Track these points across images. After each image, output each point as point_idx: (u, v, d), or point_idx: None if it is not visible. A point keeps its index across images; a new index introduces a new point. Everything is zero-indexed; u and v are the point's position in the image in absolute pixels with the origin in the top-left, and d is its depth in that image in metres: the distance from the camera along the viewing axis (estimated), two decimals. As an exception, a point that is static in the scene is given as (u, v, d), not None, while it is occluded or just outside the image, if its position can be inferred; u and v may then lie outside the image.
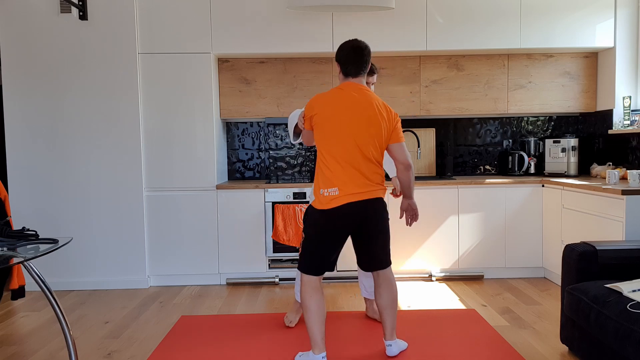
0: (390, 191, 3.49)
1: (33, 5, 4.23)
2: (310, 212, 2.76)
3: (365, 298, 3.51)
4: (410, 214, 2.87)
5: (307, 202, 4.32)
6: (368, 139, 2.61)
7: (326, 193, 2.60)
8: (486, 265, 4.45)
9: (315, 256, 2.68)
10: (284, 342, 3.09)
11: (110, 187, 4.32)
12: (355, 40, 2.70)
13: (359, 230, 2.70)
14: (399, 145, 2.72)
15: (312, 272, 2.68)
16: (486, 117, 5.01)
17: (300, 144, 4.75)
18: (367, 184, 2.62)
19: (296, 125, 2.98)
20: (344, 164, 2.59)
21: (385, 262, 2.80)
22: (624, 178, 3.96)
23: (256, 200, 4.37)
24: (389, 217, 2.95)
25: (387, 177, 4.44)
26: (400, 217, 2.91)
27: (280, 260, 4.46)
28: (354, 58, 2.66)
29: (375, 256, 2.77)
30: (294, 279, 4.41)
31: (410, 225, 2.94)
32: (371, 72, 3.19)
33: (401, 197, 2.93)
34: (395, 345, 2.84)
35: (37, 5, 4.23)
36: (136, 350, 3.04)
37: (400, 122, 2.74)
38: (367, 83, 3.00)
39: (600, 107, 4.64)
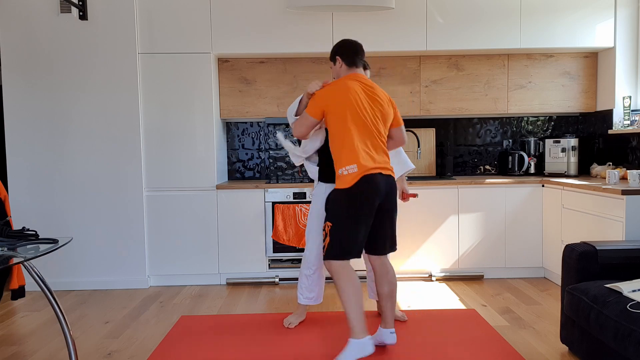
0: (399, 196, 3.48)
1: (33, 5, 4.23)
2: (335, 196, 2.81)
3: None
4: None
5: (308, 202, 4.31)
6: (377, 121, 2.85)
7: (345, 172, 2.75)
8: (486, 265, 4.45)
9: (350, 237, 2.73)
10: (284, 342, 3.09)
11: (111, 187, 4.32)
12: (351, 39, 3.05)
13: (379, 208, 2.80)
14: (401, 128, 3.06)
15: (347, 256, 2.73)
16: (486, 117, 5.01)
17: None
18: (384, 161, 2.82)
19: (301, 99, 3.05)
20: (361, 144, 2.77)
21: (394, 245, 2.97)
22: (624, 178, 3.96)
23: (256, 200, 4.37)
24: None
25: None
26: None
27: (280, 260, 4.46)
28: (357, 51, 2.97)
29: (387, 238, 2.90)
30: (294, 279, 4.41)
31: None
32: (364, 69, 3.23)
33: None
34: (395, 334, 2.96)
35: (37, 5, 4.23)
36: (136, 350, 3.04)
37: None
38: None
39: (600, 107, 4.64)
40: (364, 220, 2.74)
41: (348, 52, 2.94)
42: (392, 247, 2.97)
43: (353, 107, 2.77)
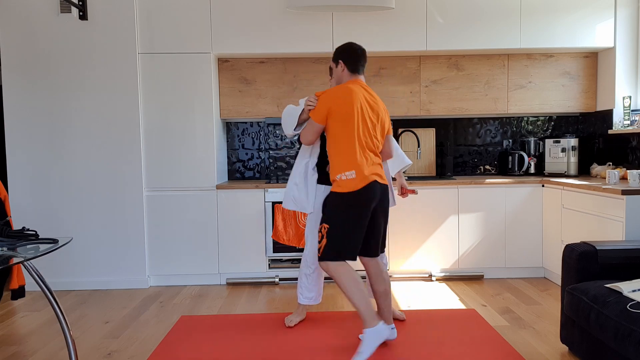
0: (398, 192, 3.50)
1: (33, 5, 4.23)
2: (334, 199, 2.87)
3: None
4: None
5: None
6: (376, 130, 2.92)
7: (344, 177, 2.82)
8: (486, 265, 4.45)
9: (346, 240, 2.82)
10: (284, 342, 3.09)
11: (111, 187, 4.32)
12: (356, 43, 3.04)
13: (373, 213, 2.89)
14: (391, 137, 3.10)
15: (342, 258, 2.82)
16: (486, 117, 5.01)
17: (298, 139, 4.74)
18: (380, 170, 2.90)
19: (300, 114, 3.05)
20: (360, 150, 2.83)
21: (384, 247, 3.10)
22: (624, 178, 3.96)
23: (256, 200, 4.37)
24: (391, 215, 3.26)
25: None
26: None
27: (280, 260, 4.46)
28: (360, 58, 2.98)
29: (378, 241, 2.99)
30: (294, 279, 4.40)
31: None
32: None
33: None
34: (395, 328, 3.07)
35: (37, 5, 4.23)
36: (136, 350, 3.04)
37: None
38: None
39: (600, 107, 4.64)
40: (360, 225, 2.83)
41: (352, 58, 2.95)
42: (382, 249, 3.09)
43: (355, 113, 2.81)
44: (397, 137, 4.80)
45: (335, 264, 2.81)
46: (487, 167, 5.04)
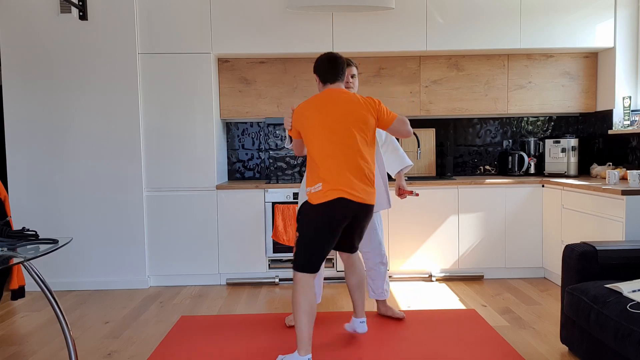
0: (396, 192, 3.50)
1: (33, 6, 4.23)
2: (305, 210, 2.80)
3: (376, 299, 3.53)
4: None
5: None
6: (349, 132, 2.73)
7: (313, 190, 2.73)
8: (486, 265, 4.45)
9: (315, 253, 2.75)
10: (284, 342, 3.09)
11: (111, 187, 4.32)
12: (330, 52, 2.94)
13: (347, 226, 2.82)
14: (397, 122, 2.88)
15: (309, 270, 2.73)
16: (486, 117, 5.01)
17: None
18: (359, 183, 2.73)
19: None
20: (328, 161, 2.71)
21: (356, 248, 3.05)
22: (624, 178, 3.96)
23: (256, 200, 4.37)
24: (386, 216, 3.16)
25: (390, 178, 4.43)
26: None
27: (280, 261, 4.46)
28: (327, 67, 2.87)
29: (352, 244, 2.99)
30: (294, 279, 4.41)
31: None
32: (347, 64, 3.18)
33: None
34: (365, 323, 3.11)
35: (37, 5, 4.23)
36: (136, 350, 3.04)
37: (382, 103, 2.87)
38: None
39: (600, 107, 4.64)
40: (326, 241, 2.74)
41: (319, 70, 2.89)
42: (354, 250, 3.03)
43: (314, 124, 2.74)
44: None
45: (302, 276, 2.72)
46: (487, 167, 5.04)
